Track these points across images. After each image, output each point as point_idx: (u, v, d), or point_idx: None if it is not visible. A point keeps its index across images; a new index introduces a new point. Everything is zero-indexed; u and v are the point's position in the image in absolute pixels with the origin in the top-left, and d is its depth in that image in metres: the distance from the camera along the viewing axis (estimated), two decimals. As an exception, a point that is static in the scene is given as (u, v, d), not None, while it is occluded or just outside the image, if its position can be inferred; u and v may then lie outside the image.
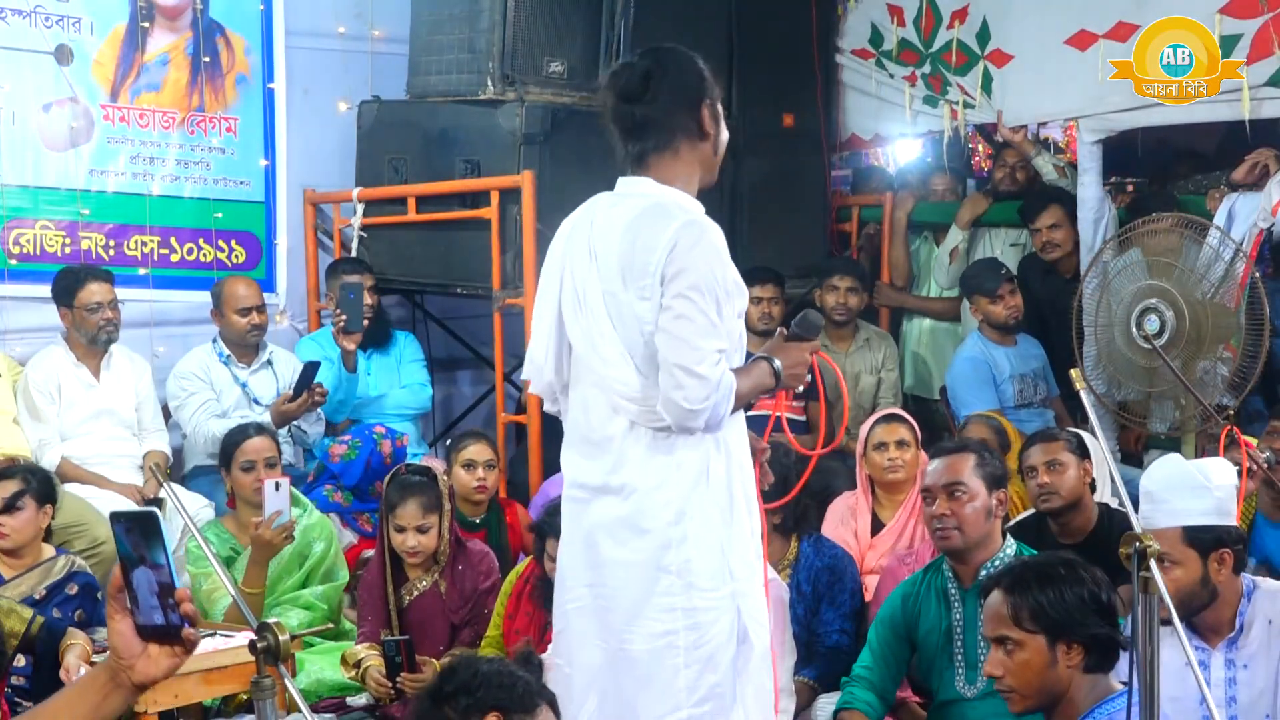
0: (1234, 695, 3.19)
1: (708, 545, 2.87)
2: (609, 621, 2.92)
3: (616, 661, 2.92)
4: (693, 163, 2.96)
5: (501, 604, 4.40)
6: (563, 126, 5.61)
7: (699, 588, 2.86)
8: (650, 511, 2.87)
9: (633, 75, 2.94)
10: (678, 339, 2.78)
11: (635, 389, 2.85)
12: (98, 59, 5.80)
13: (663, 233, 2.80)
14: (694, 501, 2.87)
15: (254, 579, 4.55)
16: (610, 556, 2.92)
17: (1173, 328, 4.97)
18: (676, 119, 2.93)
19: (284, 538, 4.55)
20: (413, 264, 6.06)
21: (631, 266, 2.83)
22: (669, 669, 2.87)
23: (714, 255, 2.83)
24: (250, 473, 4.75)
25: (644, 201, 2.90)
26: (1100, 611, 2.84)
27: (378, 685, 4.22)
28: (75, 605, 4.30)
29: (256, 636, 2.00)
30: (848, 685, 3.80)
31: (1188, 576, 3.15)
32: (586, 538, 2.96)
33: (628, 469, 2.89)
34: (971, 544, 3.70)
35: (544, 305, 3.04)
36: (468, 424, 6.62)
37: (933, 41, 6.32)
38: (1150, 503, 3.19)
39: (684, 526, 2.86)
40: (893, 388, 6.12)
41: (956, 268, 6.39)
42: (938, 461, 3.82)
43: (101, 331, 5.34)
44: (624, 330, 2.86)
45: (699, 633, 2.87)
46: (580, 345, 2.93)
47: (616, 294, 2.87)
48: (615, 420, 2.90)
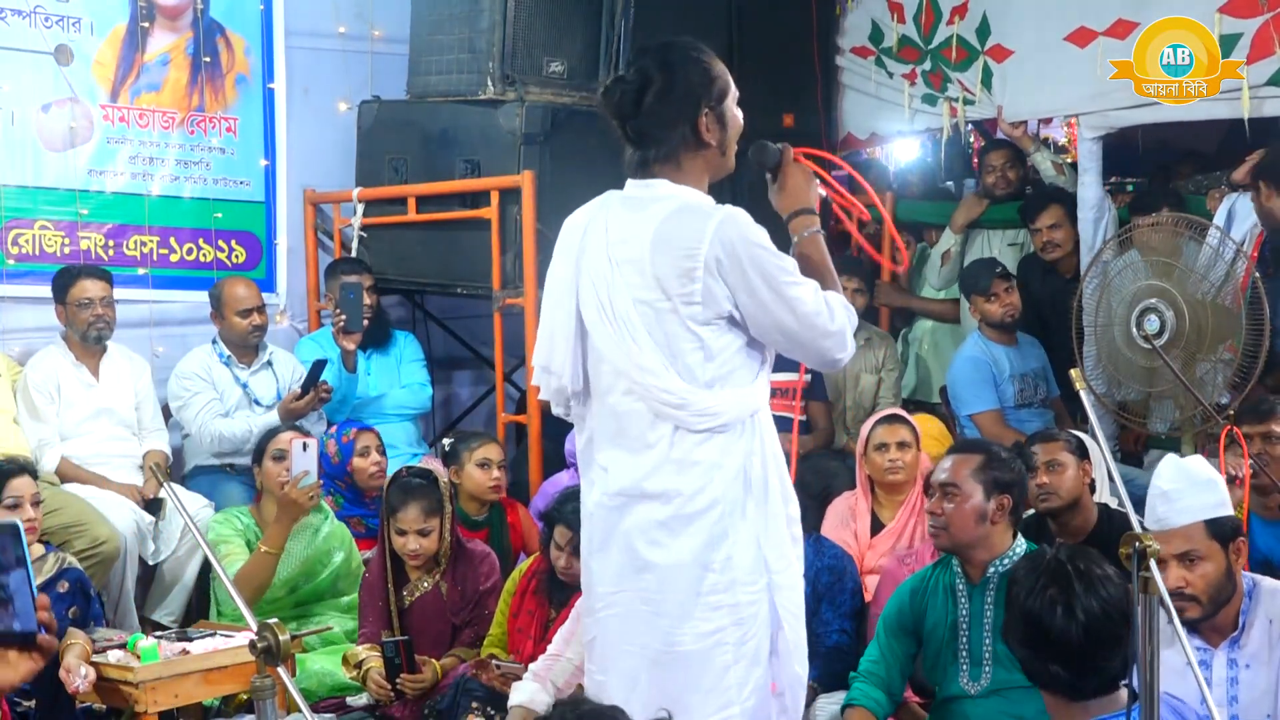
0: (1235, 695, 3.18)
1: (746, 539, 2.87)
2: (656, 625, 2.89)
3: (661, 664, 2.90)
4: (696, 169, 2.93)
5: (505, 603, 4.40)
6: (563, 126, 5.60)
7: (741, 582, 2.87)
8: (694, 513, 2.86)
9: (625, 92, 2.89)
10: (793, 321, 2.84)
11: (679, 395, 2.83)
12: (98, 59, 5.79)
13: (702, 233, 2.79)
14: (734, 496, 2.87)
15: (275, 538, 4.61)
16: (653, 560, 2.89)
17: (1173, 328, 4.97)
18: (674, 132, 2.89)
19: (310, 498, 4.58)
20: (413, 264, 6.06)
21: (671, 272, 2.80)
22: (719, 666, 2.86)
23: (758, 232, 2.84)
24: (281, 461, 4.78)
25: (669, 205, 2.86)
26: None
27: (377, 687, 4.22)
28: (68, 603, 4.29)
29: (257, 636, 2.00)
30: (854, 681, 3.80)
31: (1216, 570, 3.14)
32: (625, 544, 2.93)
33: (668, 473, 2.86)
34: (959, 545, 3.70)
35: (558, 313, 2.97)
36: (468, 424, 6.62)
37: (933, 38, 6.32)
38: (1166, 502, 3.16)
39: (724, 523, 2.86)
40: (893, 388, 6.11)
41: (949, 270, 6.39)
42: (947, 458, 3.82)
43: (92, 329, 5.33)
44: (663, 337, 2.83)
45: (744, 628, 2.87)
46: (615, 355, 2.88)
47: (652, 302, 2.83)
48: (659, 427, 2.87)
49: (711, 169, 2.96)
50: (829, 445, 5.86)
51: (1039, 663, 2.68)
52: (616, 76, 2.99)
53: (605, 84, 3.01)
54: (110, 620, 4.93)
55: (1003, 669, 3.57)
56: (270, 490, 4.83)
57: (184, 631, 4.50)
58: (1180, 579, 3.13)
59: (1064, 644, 2.63)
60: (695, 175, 2.93)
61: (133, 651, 4.07)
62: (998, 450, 3.84)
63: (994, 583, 3.65)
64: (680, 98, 2.88)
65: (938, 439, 5.44)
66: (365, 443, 5.28)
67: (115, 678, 3.96)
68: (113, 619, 4.97)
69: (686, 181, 2.90)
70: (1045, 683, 2.69)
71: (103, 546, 4.85)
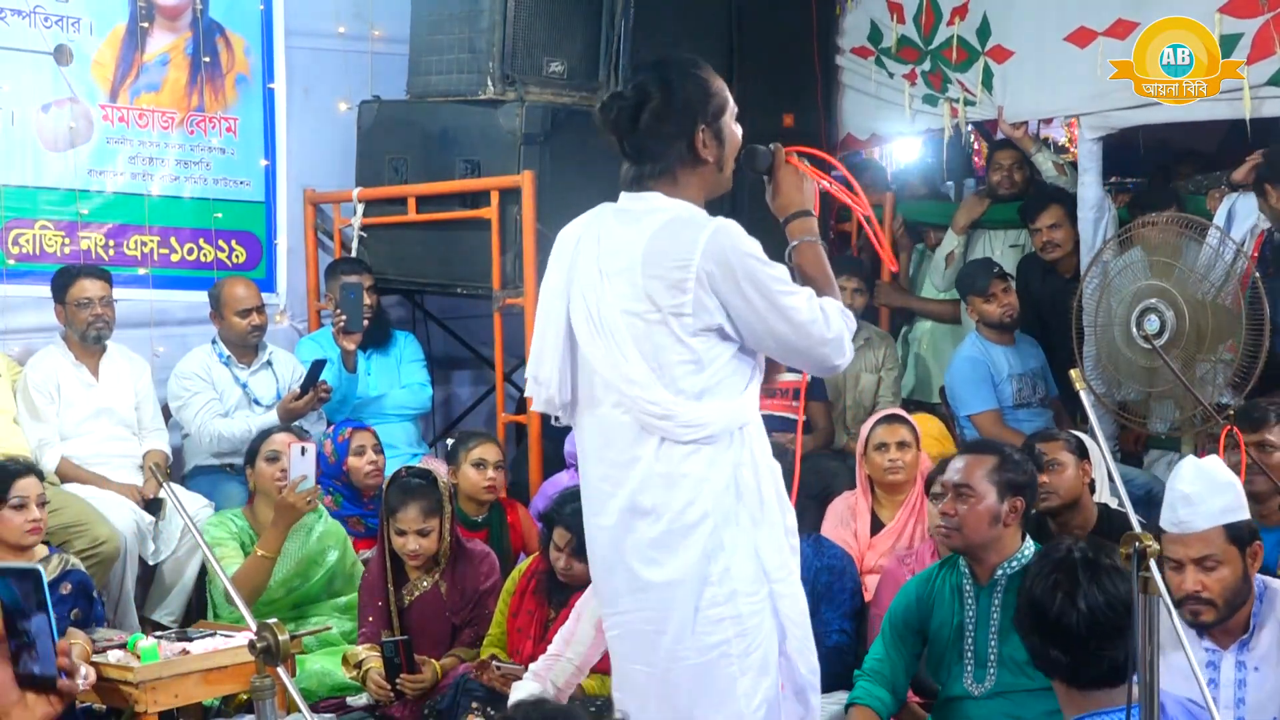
0: (1243, 697, 3.18)
1: (743, 550, 2.86)
2: (658, 643, 2.88)
3: (668, 681, 2.89)
4: (693, 185, 2.92)
5: (504, 602, 4.40)
6: (563, 126, 5.60)
7: (742, 593, 2.85)
8: (687, 527, 2.84)
9: (623, 109, 2.89)
10: (788, 330, 2.82)
11: (665, 407, 2.82)
12: (97, 59, 5.79)
13: (693, 245, 2.77)
14: (727, 508, 2.85)
15: (271, 543, 4.59)
16: (651, 579, 2.88)
17: (1173, 328, 4.97)
18: (670, 149, 2.88)
19: (307, 502, 4.57)
20: (413, 264, 6.06)
21: (661, 284, 2.79)
22: (725, 679, 2.85)
23: (750, 243, 2.83)
24: (275, 462, 4.76)
25: (661, 217, 2.85)
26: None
27: (378, 687, 4.22)
28: (70, 604, 4.29)
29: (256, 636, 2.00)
30: (859, 679, 3.79)
31: (1233, 575, 3.14)
32: (623, 565, 2.92)
33: (656, 488, 2.85)
34: (970, 546, 3.68)
35: (548, 323, 2.97)
36: (468, 424, 6.62)
37: (933, 38, 6.31)
38: (1188, 505, 3.15)
39: (719, 535, 2.84)
40: (892, 388, 6.11)
41: (952, 272, 6.39)
42: (959, 458, 3.79)
43: (90, 328, 5.33)
44: (651, 349, 2.82)
45: (748, 639, 2.86)
46: (602, 367, 2.88)
47: (642, 314, 2.82)
48: (645, 441, 2.86)
49: (708, 185, 2.95)
50: (829, 445, 5.85)
51: (1042, 647, 2.73)
52: (614, 93, 2.98)
53: (602, 100, 3.01)
54: (110, 620, 4.93)
55: (1007, 671, 3.56)
56: (264, 491, 4.81)
57: (184, 631, 4.49)
58: (1197, 583, 3.13)
59: (1064, 631, 2.69)
60: (691, 190, 2.91)
61: (133, 651, 4.06)
62: (1011, 451, 3.82)
63: (1002, 584, 3.63)
64: (677, 115, 2.88)
65: (938, 439, 5.44)
66: (360, 442, 5.28)
67: (115, 678, 3.96)
68: (113, 619, 4.97)
69: (682, 196, 2.89)
70: (1048, 668, 2.75)
71: (103, 546, 4.85)
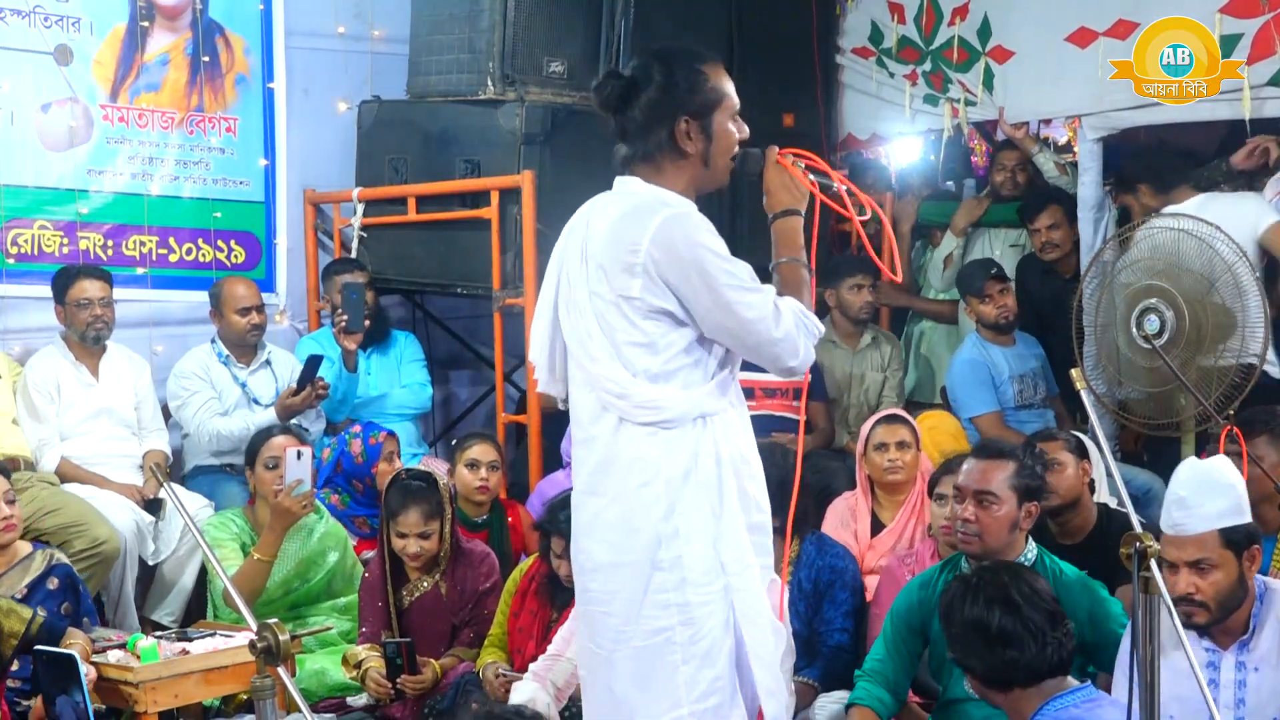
0: (1243, 698, 3.18)
1: (699, 539, 2.86)
2: (606, 624, 2.91)
3: (612, 662, 2.90)
4: (676, 175, 2.92)
5: (505, 602, 4.40)
6: (563, 126, 5.60)
7: (692, 582, 2.85)
8: (639, 510, 2.85)
9: (614, 88, 2.92)
10: (736, 325, 2.82)
11: (621, 385, 2.85)
12: (97, 59, 5.79)
13: (644, 231, 2.80)
14: (683, 496, 2.85)
15: (268, 546, 4.59)
16: (602, 560, 2.91)
17: (1173, 328, 4.96)
18: (651, 135, 2.90)
19: (303, 506, 4.57)
20: (413, 264, 6.06)
21: (615, 266, 2.83)
22: (667, 666, 2.85)
23: (705, 234, 2.82)
24: (275, 469, 4.75)
25: (630, 201, 2.89)
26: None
27: (377, 686, 4.22)
28: (60, 599, 4.30)
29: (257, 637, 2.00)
30: (860, 679, 3.79)
31: (1227, 578, 3.15)
32: (578, 542, 2.99)
33: (614, 470, 2.88)
34: (990, 551, 3.68)
35: (543, 305, 3.06)
36: (468, 424, 6.62)
37: (933, 38, 6.31)
38: (1183, 509, 3.16)
39: (674, 521, 2.85)
40: (896, 388, 6.11)
41: (951, 273, 6.38)
42: (976, 463, 3.78)
43: (90, 329, 5.33)
44: (609, 328, 2.86)
45: (694, 628, 2.85)
46: (572, 345, 2.95)
47: (601, 294, 2.87)
48: (604, 419, 2.89)
49: (693, 178, 2.95)
50: (829, 445, 5.85)
51: (992, 661, 2.88)
52: (611, 70, 3.02)
53: (597, 78, 3.04)
54: (110, 620, 4.93)
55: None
56: (264, 495, 4.82)
57: (184, 631, 4.50)
58: (1191, 585, 3.14)
59: (1017, 629, 2.86)
60: (673, 180, 2.92)
61: (132, 651, 4.06)
62: (1023, 456, 3.82)
63: None
64: (661, 102, 2.89)
65: (954, 435, 5.41)
66: (391, 448, 5.28)
67: (115, 678, 3.95)
68: (112, 619, 4.97)
69: (664, 184, 2.91)
70: (1003, 678, 2.90)
71: (103, 546, 4.85)
